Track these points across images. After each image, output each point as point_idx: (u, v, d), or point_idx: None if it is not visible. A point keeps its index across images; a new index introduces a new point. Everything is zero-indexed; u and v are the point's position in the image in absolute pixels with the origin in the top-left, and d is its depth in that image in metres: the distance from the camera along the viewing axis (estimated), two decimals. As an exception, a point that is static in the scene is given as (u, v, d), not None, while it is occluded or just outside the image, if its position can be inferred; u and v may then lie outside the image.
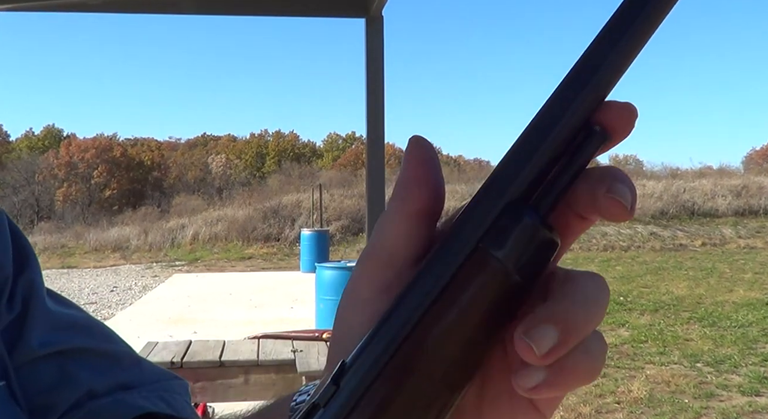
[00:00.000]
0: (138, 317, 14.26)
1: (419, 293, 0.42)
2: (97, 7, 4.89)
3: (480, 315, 0.42)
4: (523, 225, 0.42)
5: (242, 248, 27.75)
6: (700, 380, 9.15)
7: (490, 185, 0.43)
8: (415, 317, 0.42)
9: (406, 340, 0.42)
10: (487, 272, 0.42)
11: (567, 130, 0.42)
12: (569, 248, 0.48)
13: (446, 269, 0.42)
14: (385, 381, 0.42)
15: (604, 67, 0.42)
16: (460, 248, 0.42)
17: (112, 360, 0.88)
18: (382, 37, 4.82)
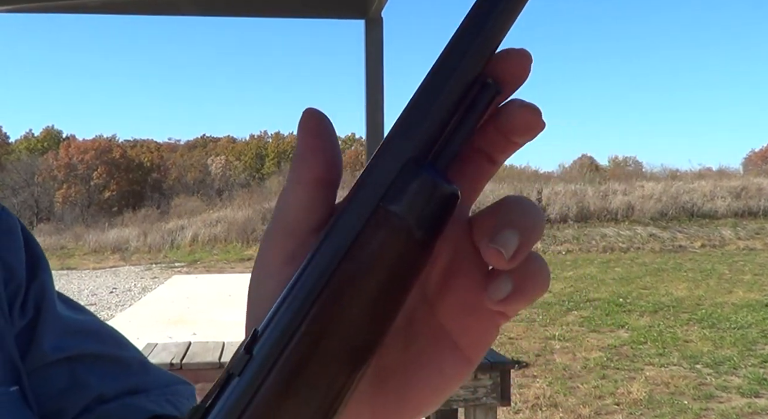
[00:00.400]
0: (137, 318, 14.26)
1: (324, 257, 0.42)
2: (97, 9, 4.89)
3: (386, 273, 0.42)
4: (420, 181, 0.42)
5: (242, 249, 27.74)
6: (700, 381, 9.16)
7: (387, 145, 0.43)
8: (322, 281, 0.42)
9: (314, 304, 0.42)
10: (388, 230, 0.42)
11: (459, 85, 0.43)
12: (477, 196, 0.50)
13: (348, 231, 0.43)
14: (297, 346, 0.42)
15: (490, 20, 0.43)
16: (360, 209, 0.43)
17: (122, 366, 0.89)
18: (381, 39, 4.82)
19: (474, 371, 4.49)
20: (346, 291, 0.42)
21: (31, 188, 48.06)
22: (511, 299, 0.43)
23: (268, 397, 0.42)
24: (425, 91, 0.43)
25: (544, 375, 9.60)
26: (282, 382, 0.42)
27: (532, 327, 12.68)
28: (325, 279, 0.42)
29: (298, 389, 0.42)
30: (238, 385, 0.42)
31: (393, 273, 0.43)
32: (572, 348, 11.03)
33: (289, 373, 0.42)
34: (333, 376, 0.43)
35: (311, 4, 5.01)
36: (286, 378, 0.42)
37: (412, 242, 0.42)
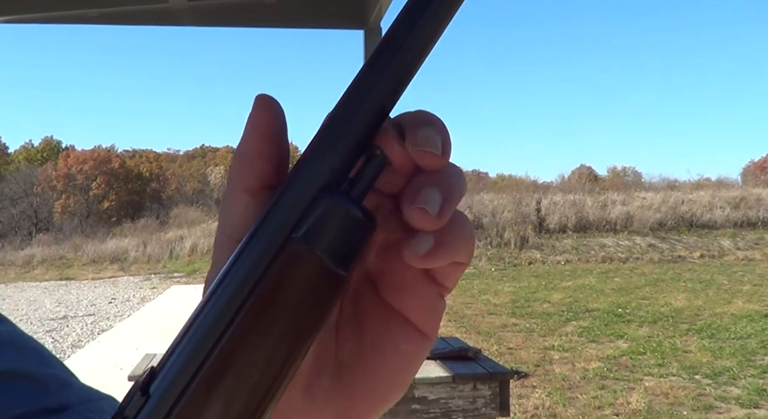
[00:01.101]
0: (136, 328, 14.24)
1: (228, 291, 0.41)
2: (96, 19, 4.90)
3: (296, 308, 0.41)
4: (334, 209, 0.41)
5: (241, 259, 27.74)
6: (699, 392, 9.15)
7: (300, 170, 0.42)
8: (226, 316, 0.40)
9: (218, 341, 0.40)
10: (299, 262, 0.41)
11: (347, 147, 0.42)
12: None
13: (256, 262, 0.41)
14: (198, 386, 0.40)
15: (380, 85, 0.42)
16: (270, 238, 0.41)
17: (38, 384, 0.81)
18: (380, 49, 4.82)
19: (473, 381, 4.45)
20: (251, 329, 0.40)
21: (30, 199, 48.02)
22: (434, 253, 0.42)
23: None
24: (337, 116, 0.42)
25: (543, 386, 9.59)
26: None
27: (531, 337, 12.67)
28: (230, 315, 0.40)
29: None
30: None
31: (304, 308, 0.41)
32: (571, 359, 11.02)
33: (188, 416, 0.40)
34: (236, 416, 0.40)
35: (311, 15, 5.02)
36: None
37: (325, 275, 0.41)
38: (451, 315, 14.98)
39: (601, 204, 31.07)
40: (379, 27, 4.80)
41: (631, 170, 57.23)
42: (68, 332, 14.33)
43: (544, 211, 29.89)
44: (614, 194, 32.75)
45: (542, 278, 21.28)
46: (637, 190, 34.92)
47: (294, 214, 0.41)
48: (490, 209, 29.72)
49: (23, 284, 24.41)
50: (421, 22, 0.42)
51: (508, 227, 28.23)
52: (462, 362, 5.83)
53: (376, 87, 0.42)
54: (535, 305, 16.17)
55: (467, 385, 5.61)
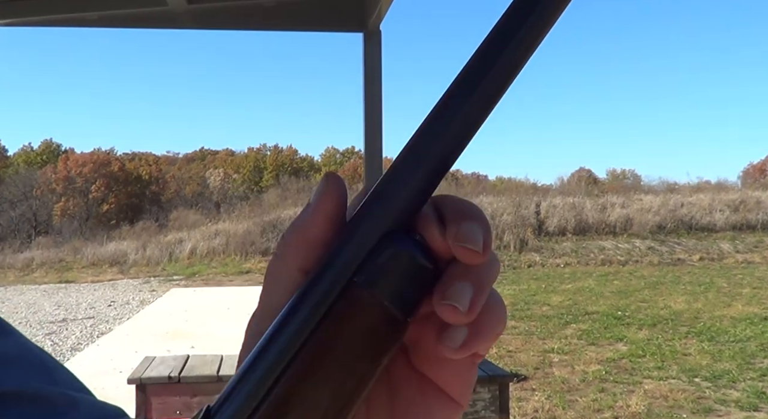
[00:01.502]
0: (135, 331, 14.24)
1: (289, 331, 0.41)
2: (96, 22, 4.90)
3: (356, 353, 0.41)
4: (398, 256, 0.41)
5: (240, 262, 27.72)
6: (699, 395, 9.14)
7: (365, 213, 0.42)
8: (285, 358, 0.40)
9: (276, 383, 0.40)
10: (361, 307, 0.41)
11: (438, 170, 0.42)
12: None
13: (318, 304, 0.41)
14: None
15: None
16: (333, 280, 0.41)
17: (46, 404, 0.77)
18: (380, 52, 4.83)
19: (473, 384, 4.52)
20: (311, 372, 0.40)
21: (29, 201, 48.00)
22: (469, 344, 0.42)
23: None
24: (404, 163, 0.42)
25: (543, 388, 9.59)
26: None
27: (530, 340, 12.66)
28: (289, 357, 0.40)
29: None
30: None
31: (363, 353, 0.41)
32: (571, 361, 11.02)
33: None
34: None
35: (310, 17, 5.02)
36: None
37: (387, 321, 0.41)
38: (450, 317, 14.98)
39: (600, 207, 31.09)
40: (379, 30, 4.80)
41: (631, 172, 57.30)
42: (67, 335, 14.32)
43: (544, 214, 29.91)
44: (613, 197, 32.77)
45: (542, 281, 21.28)
46: (637, 193, 34.94)
47: (358, 257, 0.41)
48: (490, 212, 29.72)
49: (22, 287, 24.41)
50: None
51: (508, 230, 28.25)
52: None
53: (443, 139, 0.41)
54: (534, 308, 16.16)
55: (467, 388, 5.60)
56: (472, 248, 0.41)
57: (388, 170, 0.43)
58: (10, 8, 4.55)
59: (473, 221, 0.42)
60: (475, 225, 0.42)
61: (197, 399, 5.61)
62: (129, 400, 5.67)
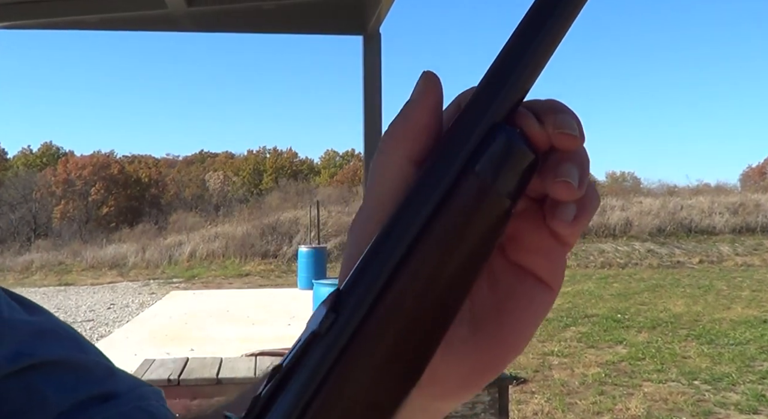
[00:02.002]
0: (135, 334, 14.23)
1: (408, 219, 0.43)
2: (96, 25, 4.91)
3: (474, 236, 0.44)
4: (507, 146, 0.44)
5: (240, 265, 27.72)
6: (698, 398, 9.14)
7: (474, 106, 0.45)
8: (406, 242, 0.43)
9: (400, 265, 0.42)
10: (477, 193, 0.43)
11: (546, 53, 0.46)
12: None
13: (436, 191, 0.44)
14: (384, 308, 0.42)
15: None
16: (448, 169, 0.44)
17: (85, 372, 0.81)
18: (379, 55, 4.84)
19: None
20: (432, 254, 0.43)
21: (29, 204, 47.98)
22: (579, 218, 0.47)
23: (356, 357, 0.42)
24: (509, 55, 0.45)
25: (543, 391, 9.58)
26: (370, 341, 0.42)
27: (530, 342, 12.66)
28: (411, 241, 0.43)
29: (387, 349, 0.42)
30: (322, 343, 0.41)
31: (482, 238, 0.44)
32: (570, 364, 11.01)
33: (376, 334, 0.42)
34: (420, 336, 0.43)
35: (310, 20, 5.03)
36: (374, 339, 0.42)
37: (499, 205, 0.44)
38: (450, 320, 14.98)
39: (600, 210, 31.07)
40: (378, 33, 4.80)
41: (630, 175, 57.30)
42: (67, 337, 14.31)
43: (543, 216, 29.91)
44: (613, 200, 32.78)
45: (541, 284, 21.26)
46: (636, 195, 34.97)
47: (472, 146, 0.44)
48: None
49: (22, 289, 24.36)
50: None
51: (507, 233, 28.25)
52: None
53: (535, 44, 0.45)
54: (534, 311, 16.16)
55: (466, 391, 5.60)
56: (571, 134, 0.46)
57: (489, 69, 0.46)
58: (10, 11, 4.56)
59: (566, 113, 0.47)
60: (568, 116, 0.46)
61: (197, 401, 5.60)
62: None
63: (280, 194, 43.17)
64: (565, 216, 0.47)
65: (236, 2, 4.86)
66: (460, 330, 0.50)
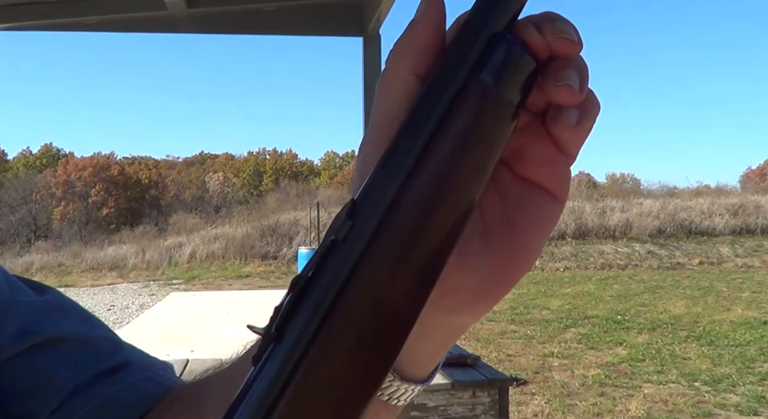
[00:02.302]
0: (135, 336, 14.21)
1: (416, 128, 0.45)
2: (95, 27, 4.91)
3: (482, 141, 0.45)
4: (509, 53, 0.46)
5: (240, 266, 27.72)
6: (698, 399, 9.13)
7: (474, 19, 0.47)
8: (417, 148, 0.44)
9: (412, 173, 0.43)
10: (482, 98, 0.45)
11: None
12: None
13: (441, 99, 0.45)
14: (397, 214, 0.43)
15: None
16: (452, 77, 0.45)
17: (92, 348, 0.83)
18: (379, 56, 4.84)
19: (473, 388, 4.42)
20: (443, 161, 0.44)
21: (29, 206, 47.99)
22: (582, 122, 0.48)
23: (374, 260, 0.42)
24: None
25: (543, 393, 9.57)
26: (387, 244, 0.43)
27: (530, 344, 12.66)
28: (420, 150, 0.44)
29: (403, 251, 0.43)
30: (342, 248, 0.42)
31: (487, 140, 0.45)
32: (570, 365, 11.00)
33: (394, 239, 0.43)
34: (435, 238, 0.44)
35: (310, 22, 5.03)
36: (392, 243, 0.43)
37: (504, 110, 0.46)
38: (450, 321, 14.97)
39: (600, 211, 31.09)
40: (378, 34, 4.81)
41: (630, 176, 57.25)
42: (67, 339, 14.31)
43: (543, 218, 29.89)
44: (613, 201, 32.77)
45: (541, 285, 21.27)
46: (636, 197, 34.94)
47: (475, 55, 0.45)
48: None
49: (22, 291, 24.36)
50: None
51: (507, 234, 28.23)
52: (461, 369, 5.82)
53: None
54: (534, 312, 16.16)
55: (466, 392, 5.60)
56: (569, 38, 0.47)
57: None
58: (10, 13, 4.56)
59: (563, 21, 0.48)
60: (565, 23, 0.48)
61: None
62: (128, 404, 5.66)
63: (280, 196, 43.13)
64: (568, 120, 0.48)
65: (236, 4, 4.86)
66: (473, 241, 0.51)
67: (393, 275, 0.42)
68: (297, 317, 0.42)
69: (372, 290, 0.42)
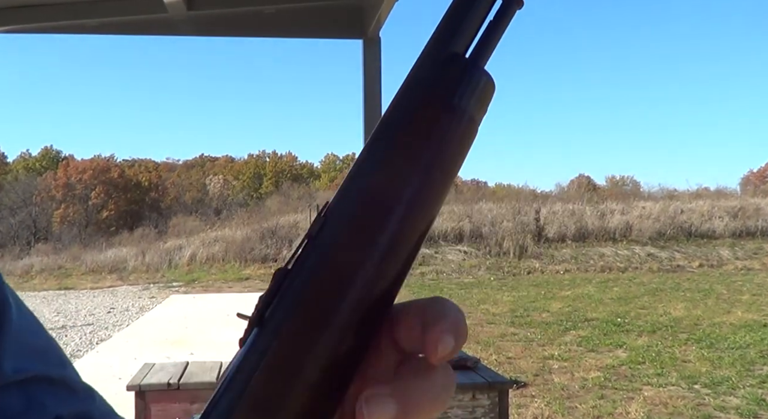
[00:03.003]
0: (135, 338, 14.23)
1: (379, 132, 0.48)
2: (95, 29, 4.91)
3: (450, 154, 0.48)
4: (465, 70, 0.49)
5: (240, 268, 27.71)
6: (698, 402, 9.13)
7: (435, 41, 0.50)
8: (378, 159, 0.47)
9: (374, 175, 0.47)
10: (443, 110, 0.47)
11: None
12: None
13: (406, 116, 0.48)
14: (368, 207, 0.46)
15: None
16: (415, 94, 0.48)
17: (71, 390, 0.87)
18: (379, 58, 4.84)
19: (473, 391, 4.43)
20: (398, 160, 0.47)
21: (29, 208, 47.99)
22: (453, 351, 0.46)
23: (346, 251, 0.46)
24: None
25: (543, 395, 9.58)
26: (359, 237, 0.46)
27: (530, 346, 12.66)
28: (380, 156, 0.47)
29: (382, 243, 0.46)
30: (314, 244, 0.46)
31: (460, 153, 0.48)
32: (570, 368, 11.01)
33: (364, 231, 0.46)
34: (404, 245, 0.47)
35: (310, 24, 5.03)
36: (362, 236, 0.46)
37: (466, 124, 0.48)
38: (450, 324, 14.98)
39: (600, 214, 31.10)
40: (378, 37, 4.80)
41: (630, 179, 57.32)
42: (67, 342, 14.31)
43: (543, 220, 29.91)
44: (613, 204, 32.78)
45: (541, 288, 21.28)
46: (636, 199, 34.94)
47: (434, 75, 0.48)
48: (490, 219, 29.73)
49: (22, 293, 24.25)
50: None
51: (507, 237, 28.25)
52: (461, 371, 5.82)
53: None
54: (534, 315, 16.16)
55: (466, 395, 5.60)
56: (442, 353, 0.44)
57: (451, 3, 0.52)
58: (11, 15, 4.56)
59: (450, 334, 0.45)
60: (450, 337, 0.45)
61: (196, 405, 5.61)
62: (128, 407, 5.67)
63: (280, 198, 43.16)
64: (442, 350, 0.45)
65: (236, 6, 4.86)
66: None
67: (361, 259, 0.45)
68: (275, 303, 0.46)
69: (340, 275, 0.45)
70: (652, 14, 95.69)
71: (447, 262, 26.99)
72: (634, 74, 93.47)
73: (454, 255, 27.71)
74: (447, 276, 25.21)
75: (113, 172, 54.83)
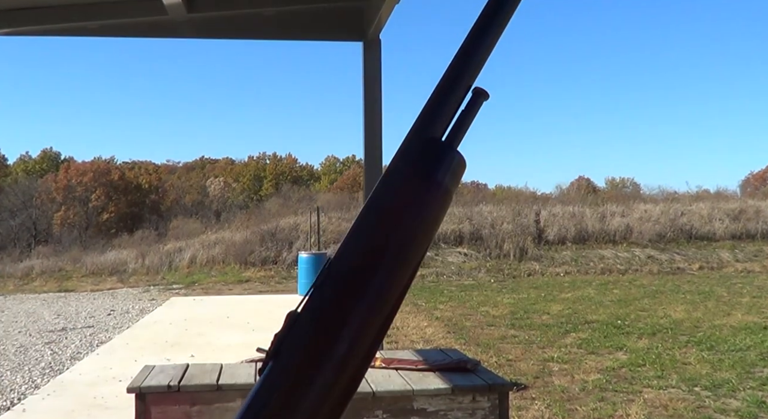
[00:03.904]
0: (135, 340, 14.22)
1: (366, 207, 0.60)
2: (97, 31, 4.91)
3: (430, 225, 0.60)
4: (442, 152, 0.61)
5: (240, 271, 27.70)
6: (698, 404, 9.13)
7: (419, 125, 0.63)
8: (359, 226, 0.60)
9: (356, 241, 0.60)
10: (423, 184, 0.59)
11: (462, 91, 0.64)
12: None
13: (385, 186, 0.59)
14: (361, 271, 0.58)
15: (482, 46, 0.68)
16: (396, 174, 0.59)
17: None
18: (379, 61, 4.84)
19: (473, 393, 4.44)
20: (366, 228, 0.59)
21: (29, 211, 47.97)
22: None
23: (349, 299, 0.57)
24: (441, 91, 0.63)
25: (543, 397, 9.57)
26: (358, 286, 0.57)
27: (530, 348, 12.65)
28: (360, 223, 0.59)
29: (375, 293, 0.58)
30: (319, 293, 0.57)
31: (438, 221, 0.62)
32: (571, 370, 11.00)
33: (364, 283, 0.57)
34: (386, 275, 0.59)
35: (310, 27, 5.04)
36: (361, 286, 0.57)
37: (444, 197, 0.60)
38: (450, 326, 14.97)
39: (600, 216, 31.10)
40: (378, 39, 4.81)
41: (630, 181, 57.37)
42: (67, 344, 14.30)
43: (543, 222, 29.91)
44: (613, 206, 32.78)
45: (541, 290, 21.27)
46: (636, 202, 34.93)
47: (412, 155, 0.61)
48: (490, 221, 29.73)
49: (22, 296, 24.37)
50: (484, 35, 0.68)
51: (507, 239, 28.25)
52: (461, 374, 5.82)
53: (466, 73, 0.66)
54: (534, 317, 16.15)
55: (466, 397, 5.59)
56: None
57: (432, 94, 0.66)
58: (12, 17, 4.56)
59: None
60: None
61: (197, 408, 5.60)
62: (128, 409, 5.67)
63: (280, 200, 43.10)
64: None
65: (236, 9, 4.87)
66: None
67: (353, 305, 0.56)
68: (289, 342, 0.56)
69: (338, 319, 0.56)
70: (653, 16, 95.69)
71: (447, 264, 27.00)
72: (634, 76, 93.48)
73: (454, 257, 27.72)
74: (447, 278, 25.22)
75: (113, 174, 54.81)
